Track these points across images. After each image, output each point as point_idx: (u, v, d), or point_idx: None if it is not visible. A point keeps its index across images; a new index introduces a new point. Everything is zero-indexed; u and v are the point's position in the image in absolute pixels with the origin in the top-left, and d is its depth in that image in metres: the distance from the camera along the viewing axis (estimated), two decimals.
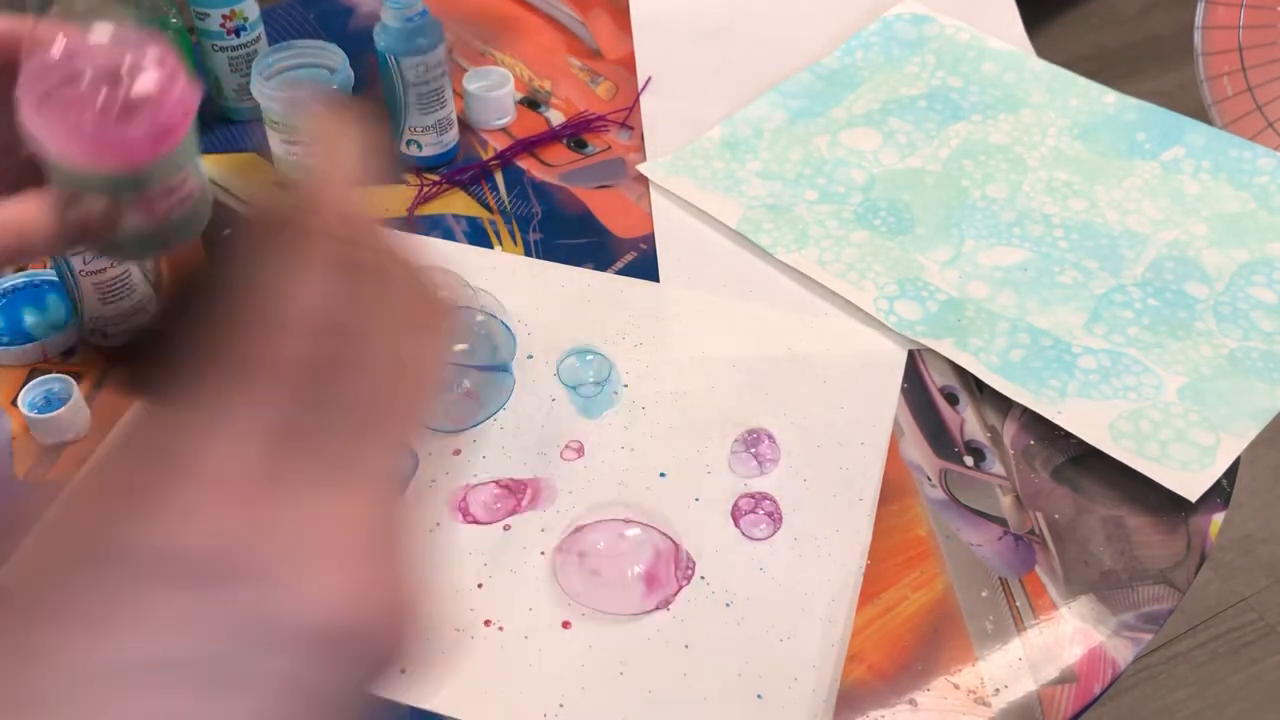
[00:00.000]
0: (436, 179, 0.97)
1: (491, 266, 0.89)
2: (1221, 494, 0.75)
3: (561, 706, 0.64)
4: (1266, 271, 0.88)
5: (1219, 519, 0.74)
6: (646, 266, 0.89)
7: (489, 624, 0.68)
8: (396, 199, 0.95)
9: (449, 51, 1.09)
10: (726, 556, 0.71)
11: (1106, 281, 0.88)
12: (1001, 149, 0.98)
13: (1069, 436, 0.78)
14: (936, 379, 0.82)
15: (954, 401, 0.81)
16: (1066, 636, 0.68)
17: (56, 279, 0.83)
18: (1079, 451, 0.78)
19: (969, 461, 0.77)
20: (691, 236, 0.92)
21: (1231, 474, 0.76)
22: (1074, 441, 0.78)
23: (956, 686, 0.66)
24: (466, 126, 1.02)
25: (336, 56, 0.94)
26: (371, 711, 0.28)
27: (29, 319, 0.83)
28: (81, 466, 0.75)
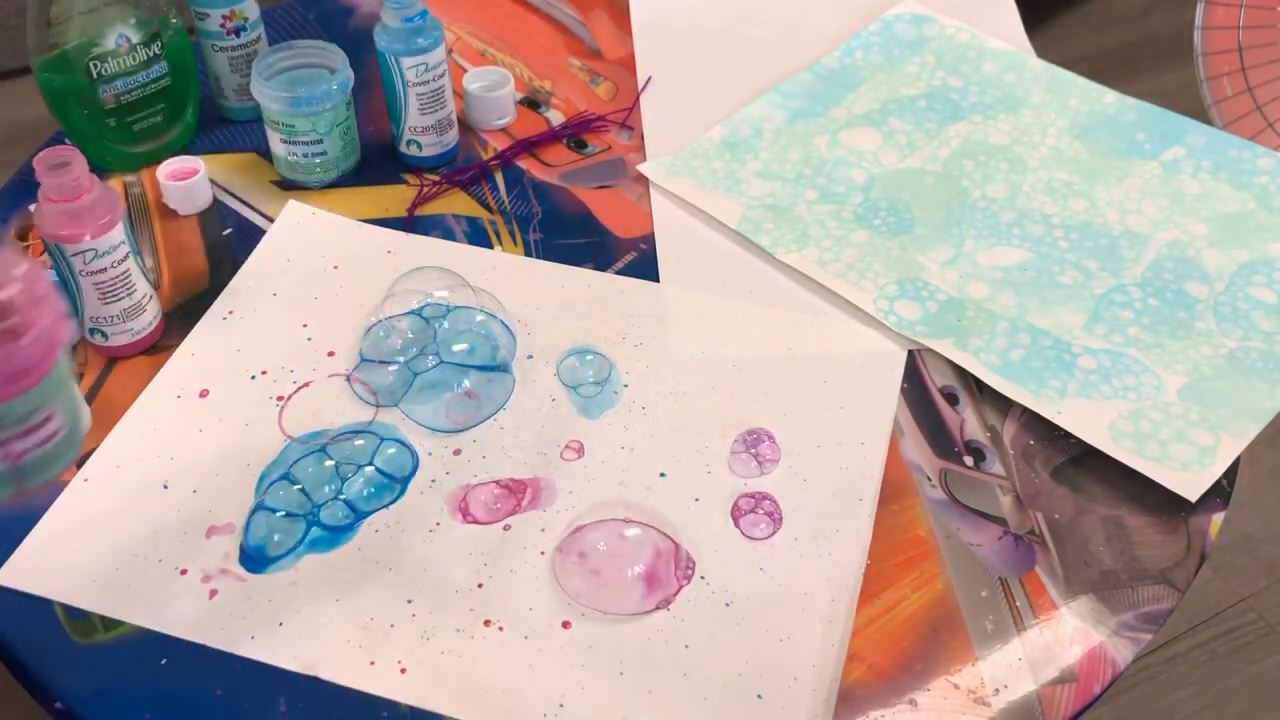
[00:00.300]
0: (436, 179, 0.97)
1: (491, 266, 0.89)
2: (1221, 494, 0.75)
3: (561, 706, 0.64)
4: (1266, 271, 0.88)
5: (1219, 519, 0.74)
6: (646, 266, 0.89)
7: (489, 624, 0.68)
8: (396, 199, 0.95)
9: (449, 51, 1.09)
10: (726, 556, 0.71)
11: (1106, 281, 0.88)
12: (1001, 149, 0.98)
13: (1069, 436, 0.78)
14: (936, 379, 0.82)
15: (954, 401, 0.81)
16: (1066, 636, 0.68)
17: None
18: (1079, 451, 0.78)
19: (969, 461, 0.77)
20: (691, 236, 0.92)
21: (1231, 474, 0.76)
22: (1074, 441, 0.78)
23: (956, 686, 0.66)
24: (466, 126, 1.02)
25: (336, 56, 0.94)
26: None
27: None
28: (81, 467, 0.75)
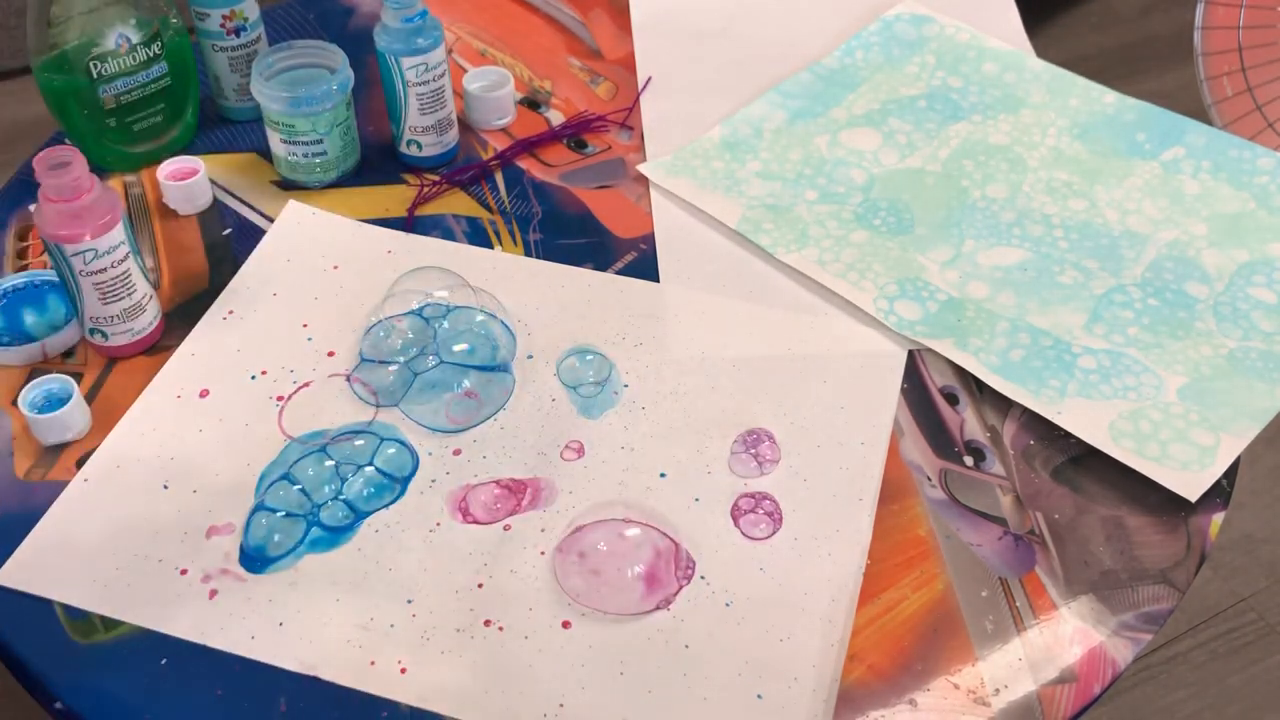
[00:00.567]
0: (436, 179, 0.97)
1: (491, 266, 0.89)
2: (1221, 494, 0.75)
3: (561, 706, 0.64)
4: (1266, 271, 0.88)
5: (1219, 519, 0.74)
6: (646, 266, 0.89)
7: (489, 624, 0.68)
8: (396, 199, 0.95)
9: (449, 51, 1.09)
10: (726, 556, 0.71)
11: (1106, 281, 0.88)
12: (1001, 149, 0.98)
13: (1069, 436, 0.78)
14: (936, 379, 0.82)
15: (954, 401, 0.81)
16: (1066, 636, 0.68)
17: (56, 279, 0.83)
18: (1079, 451, 0.78)
19: (969, 461, 0.77)
20: (691, 236, 0.92)
21: (1231, 474, 0.76)
22: (1074, 441, 0.78)
23: (956, 686, 0.66)
24: (466, 126, 1.02)
25: (336, 56, 0.94)
26: None
27: (29, 319, 0.83)
28: (81, 467, 0.75)
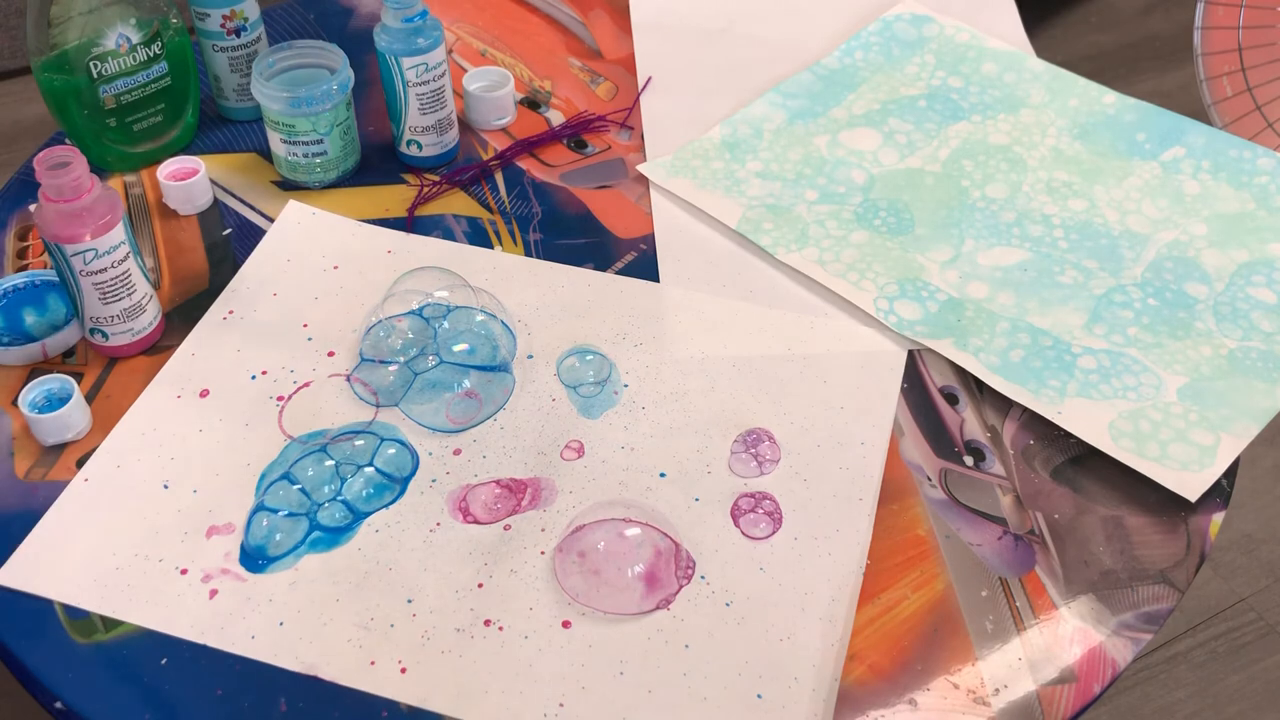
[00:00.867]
0: (436, 179, 0.97)
1: (491, 266, 0.89)
2: (1221, 494, 0.75)
3: (561, 706, 0.64)
4: (1266, 271, 0.88)
5: (1219, 519, 0.74)
6: (646, 266, 0.89)
7: (489, 624, 0.68)
8: (396, 199, 0.95)
9: (449, 51, 1.09)
10: (726, 556, 0.71)
11: (1106, 281, 0.88)
12: (1001, 149, 0.98)
13: (1069, 436, 0.78)
14: (936, 379, 0.82)
15: (954, 401, 0.81)
16: (1066, 636, 0.68)
17: (56, 279, 0.83)
18: (1079, 451, 0.78)
19: (969, 461, 0.77)
20: (691, 236, 0.92)
21: (1231, 474, 0.76)
22: (1074, 441, 0.78)
23: (956, 686, 0.66)
24: (466, 126, 1.02)
25: (336, 56, 0.94)
26: None
27: (29, 319, 0.83)
28: (81, 467, 0.75)
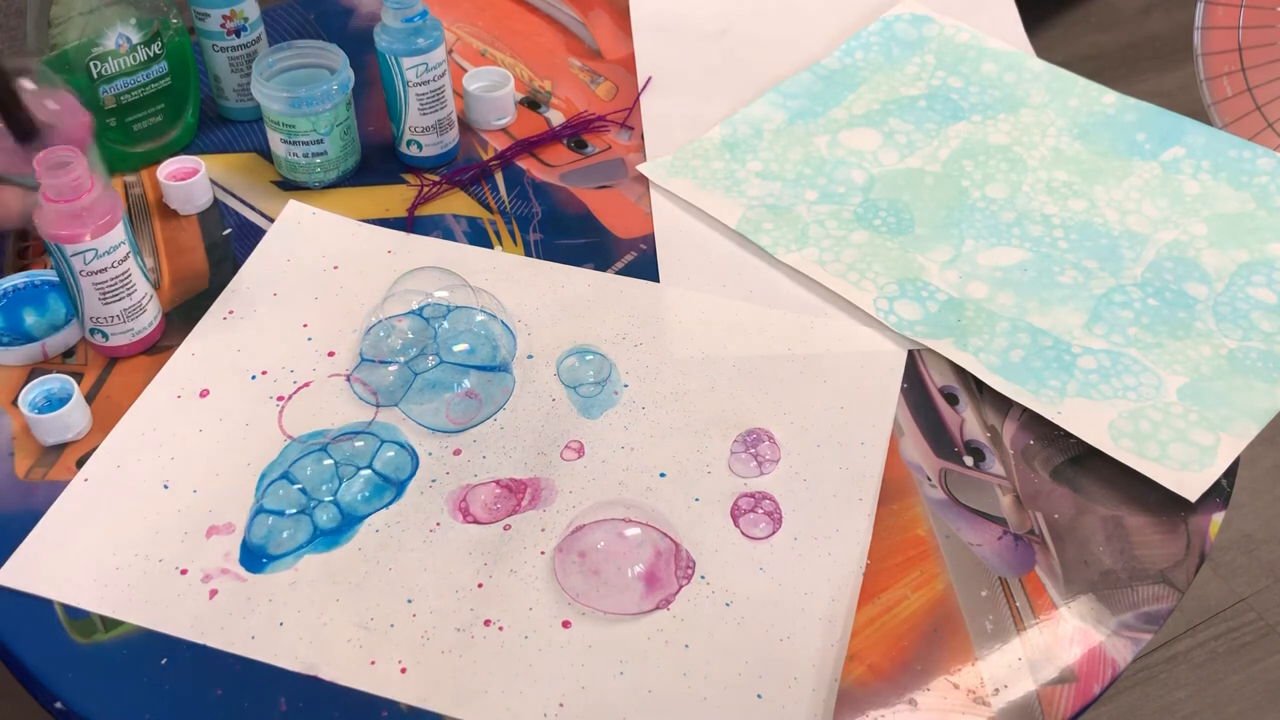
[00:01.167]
0: (436, 179, 0.97)
1: (491, 266, 0.89)
2: (1221, 494, 0.75)
3: (561, 706, 0.64)
4: (1266, 271, 0.88)
5: (1219, 519, 0.74)
6: (646, 266, 0.89)
7: (489, 624, 0.68)
8: (396, 199, 0.95)
9: (449, 51, 1.09)
10: (726, 556, 0.71)
11: (1106, 281, 0.88)
12: (1001, 149, 0.98)
13: (1069, 436, 0.78)
14: (936, 379, 0.82)
15: (954, 401, 0.81)
16: (1066, 636, 0.68)
17: (56, 279, 0.83)
18: (1079, 451, 0.78)
19: (969, 461, 0.77)
20: (691, 236, 0.92)
21: (1231, 474, 0.76)
22: (1074, 441, 0.78)
23: (956, 686, 0.66)
24: (466, 126, 1.02)
25: (336, 56, 0.94)
26: None
27: (29, 319, 0.83)
28: (81, 467, 0.75)
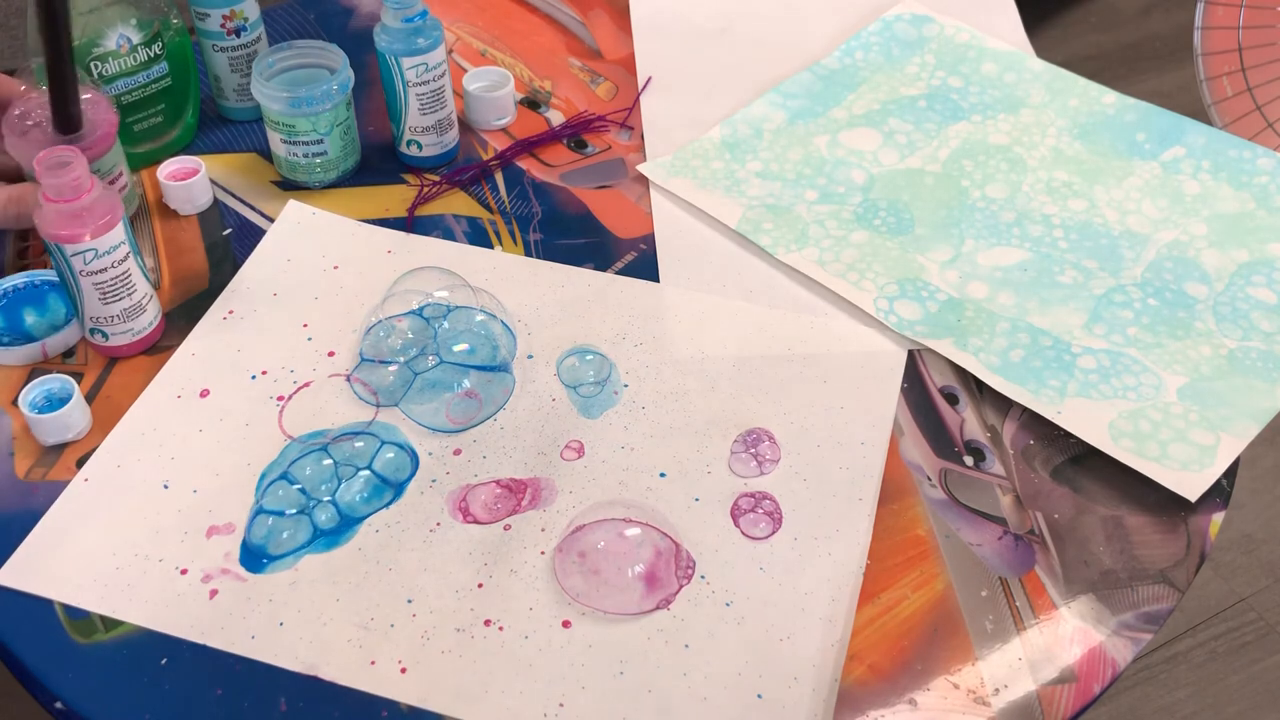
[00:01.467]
0: (436, 179, 0.97)
1: (491, 266, 0.89)
2: (1221, 494, 0.75)
3: (561, 706, 0.64)
4: (1266, 271, 0.88)
5: (1219, 519, 0.74)
6: (646, 266, 0.89)
7: (489, 624, 0.68)
8: (396, 199, 0.95)
9: (449, 51, 1.09)
10: (726, 556, 0.71)
11: (1106, 281, 0.88)
12: (1001, 149, 0.98)
13: (1069, 436, 0.78)
14: (936, 379, 0.82)
15: (954, 401, 0.81)
16: (1066, 636, 0.68)
17: (56, 279, 0.83)
18: (1079, 451, 0.78)
19: (969, 461, 0.77)
20: (691, 236, 0.92)
21: (1231, 474, 0.76)
22: (1074, 441, 0.78)
23: (956, 686, 0.66)
24: (466, 126, 1.02)
25: (336, 56, 0.94)
26: None
27: (29, 319, 0.83)
28: (81, 467, 0.75)
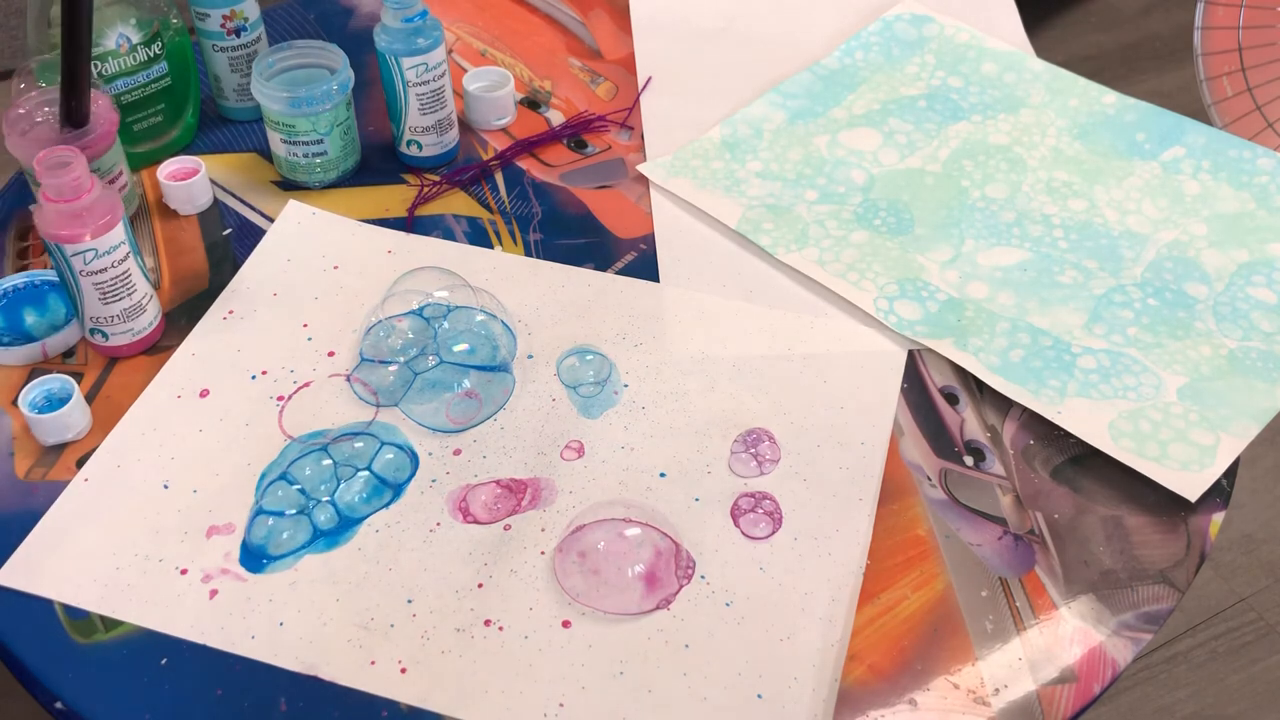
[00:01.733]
0: (436, 179, 0.97)
1: (491, 266, 0.89)
2: (1221, 494, 0.75)
3: (561, 706, 0.64)
4: (1266, 271, 0.88)
5: (1219, 519, 0.74)
6: (646, 266, 0.89)
7: (489, 624, 0.68)
8: (396, 199, 0.95)
9: (449, 51, 1.09)
10: (726, 556, 0.71)
11: (1106, 281, 0.88)
12: (1001, 149, 0.98)
13: (1069, 436, 0.78)
14: (936, 379, 0.82)
15: (954, 401, 0.81)
16: (1066, 636, 0.68)
17: (56, 279, 0.83)
18: (1079, 451, 0.78)
19: (969, 461, 0.77)
20: (691, 236, 0.92)
21: (1231, 474, 0.76)
22: (1074, 441, 0.78)
23: (956, 686, 0.66)
24: (466, 126, 1.02)
25: (336, 56, 0.94)
26: None
27: (29, 319, 0.83)
28: (81, 467, 0.75)
